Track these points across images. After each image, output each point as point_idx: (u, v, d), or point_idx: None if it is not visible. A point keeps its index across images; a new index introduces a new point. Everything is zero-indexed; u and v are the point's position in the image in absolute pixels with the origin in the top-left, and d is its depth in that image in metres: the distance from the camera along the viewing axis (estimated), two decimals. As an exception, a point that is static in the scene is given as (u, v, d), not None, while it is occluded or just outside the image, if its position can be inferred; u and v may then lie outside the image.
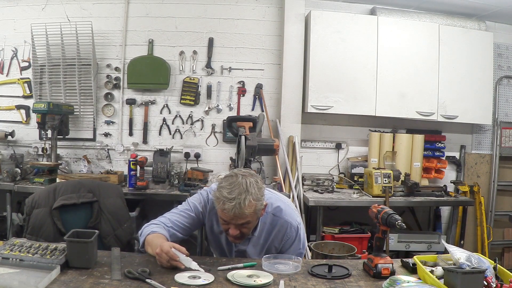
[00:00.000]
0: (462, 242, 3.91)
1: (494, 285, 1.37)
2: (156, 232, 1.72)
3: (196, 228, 1.93)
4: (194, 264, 1.53)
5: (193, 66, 3.94)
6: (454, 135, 4.22)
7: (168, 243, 1.60)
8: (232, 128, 2.95)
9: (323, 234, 3.43)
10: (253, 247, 1.83)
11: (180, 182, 3.60)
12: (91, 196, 2.37)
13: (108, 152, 3.92)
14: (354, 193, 3.54)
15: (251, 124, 2.84)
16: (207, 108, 3.95)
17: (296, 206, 3.49)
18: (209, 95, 3.95)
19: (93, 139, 3.93)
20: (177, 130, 3.95)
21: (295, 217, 1.85)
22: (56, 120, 3.44)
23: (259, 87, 3.96)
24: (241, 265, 1.61)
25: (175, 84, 3.94)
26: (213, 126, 3.96)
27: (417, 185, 3.54)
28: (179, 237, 1.82)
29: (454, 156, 4.22)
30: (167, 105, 3.93)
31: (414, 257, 1.57)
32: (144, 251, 1.73)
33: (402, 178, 3.60)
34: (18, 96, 3.89)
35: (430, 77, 3.79)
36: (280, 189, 3.46)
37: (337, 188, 3.76)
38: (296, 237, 1.82)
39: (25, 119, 3.90)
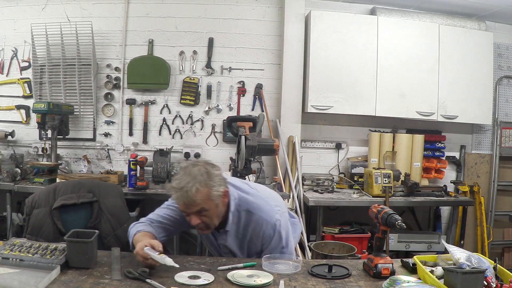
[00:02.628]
0: (462, 242, 3.91)
1: (494, 285, 1.37)
2: (142, 231, 1.72)
3: (186, 221, 1.87)
4: (168, 260, 1.50)
5: (193, 66, 3.94)
6: (454, 135, 4.22)
7: (143, 242, 1.57)
8: (232, 128, 2.96)
9: (323, 234, 3.43)
10: (233, 242, 1.82)
11: (180, 182, 3.59)
12: (91, 196, 2.37)
13: (108, 152, 3.92)
14: (354, 193, 3.54)
15: (251, 124, 2.84)
16: (207, 108, 3.95)
17: (296, 206, 3.50)
18: (209, 95, 3.95)
19: (93, 139, 3.93)
20: (177, 130, 3.95)
21: (273, 214, 1.78)
22: (56, 120, 3.44)
23: (259, 87, 3.97)
24: (241, 265, 1.61)
25: (175, 84, 3.94)
26: (213, 126, 3.96)
27: (417, 185, 3.54)
28: (169, 230, 1.82)
29: (454, 156, 4.22)
30: (167, 105, 3.93)
31: (414, 257, 1.57)
32: None
33: (402, 178, 3.60)
34: (18, 96, 3.89)
35: (430, 77, 3.79)
36: (280, 189, 3.46)
37: (337, 188, 3.76)
38: (275, 235, 1.77)
39: (25, 119, 3.90)
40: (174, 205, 1.83)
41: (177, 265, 1.51)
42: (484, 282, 1.35)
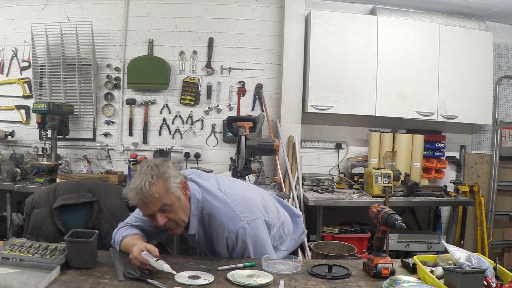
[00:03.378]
0: (462, 242, 3.91)
1: (494, 285, 1.37)
2: (128, 236, 1.70)
3: None
4: (166, 267, 1.48)
5: (193, 66, 3.94)
6: (454, 135, 4.22)
7: (139, 246, 1.54)
8: (232, 128, 2.96)
9: (323, 234, 3.43)
10: (203, 246, 1.76)
11: (180, 182, 3.59)
12: (91, 196, 2.37)
13: (108, 152, 3.92)
14: (354, 193, 3.54)
15: (251, 124, 2.84)
16: (207, 108, 3.95)
17: (296, 206, 3.49)
18: (209, 95, 3.95)
19: (93, 139, 3.93)
20: (177, 130, 3.95)
21: (237, 222, 1.64)
22: (56, 120, 3.44)
23: (259, 87, 3.97)
24: (241, 265, 1.60)
25: (175, 84, 3.94)
26: (213, 126, 3.96)
27: (417, 185, 3.54)
28: (150, 231, 1.78)
29: (454, 156, 4.22)
30: (167, 105, 3.93)
31: (414, 257, 1.57)
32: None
33: (402, 178, 3.60)
34: (18, 96, 3.89)
35: (430, 77, 3.79)
36: (280, 189, 3.46)
37: (337, 188, 3.76)
38: (238, 242, 1.65)
39: (25, 119, 3.90)
40: None
41: (174, 272, 1.48)
42: (484, 282, 1.35)
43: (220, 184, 1.76)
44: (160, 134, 3.95)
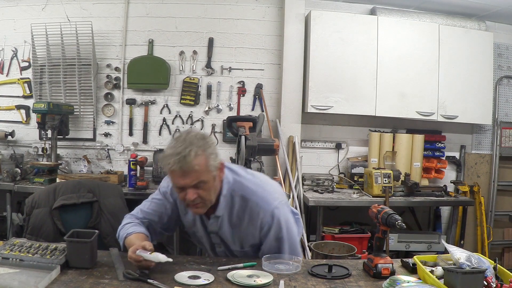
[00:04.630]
0: (462, 242, 3.91)
1: (494, 285, 1.37)
2: (132, 234, 1.66)
3: (174, 213, 1.79)
4: (161, 257, 1.47)
5: (193, 66, 3.94)
6: (454, 135, 4.22)
7: (135, 246, 1.51)
8: (232, 128, 2.96)
9: (323, 234, 3.43)
10: (227, 230, 1.68)
11: (180, 182, 3.59)
12: (91, 196, 2.37)
13: (108, 152, 3.92)
14: (354, 193, 3.54)
15: (251, 124, 2.85)
16: (207, 108, 3.95)
17: (296, 206, 3.49)
18: (209, 95, 3.95)
19: (93, 139, 3.93)
20: (177, 130, 3.95)
21: (271, 201, 1.63)
22: (56, 120, 3.44)
23: (259, 87, 3.97)
24: (241, 265, 1.60)
25: (175, 84, 3.94)
26: (213, 126, 3.96)
27: (417, 185, 3.54)
28: (156, 223, 1.76)
29: (454, 156, 4.22)
30: (167, 105, 3.93)
31: (414, 257, 1.57)
32: None
33: (402, 178, 3.60)
34: (18, 96, 3.89)
35: (430, 77, 3.79)
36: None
37: (337, 188, 3.76)
38: (274, 222, 1.62)
39: (25, 119, 3.90)
40: (159, 197, 1.77)
41: (170, 259, 1.47)
42: (484, 282, 1.35)
43: (244, 168, 1.75)
44: (160, 134, 3.95)
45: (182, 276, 1.47)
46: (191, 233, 1.84)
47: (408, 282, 1.42)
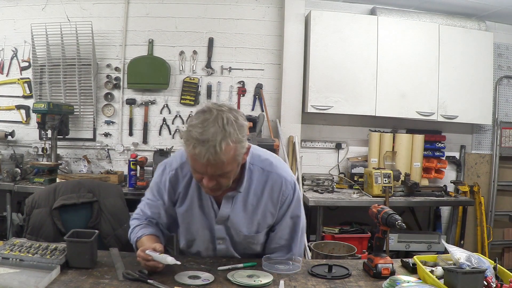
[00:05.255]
0: (462, 242, 3.92)
1: (494, 285, 1.37)
2: (142, 236, 1.62)
3: (169, 210, 1.67)
4: (170, 259, 1.45)
5: (193, 66, 3.94)
6: (454, 135, 4.22)
7: (145, 247, 1.49)
8: (232, 128, 2.96)
9: (323, 234, 3.43)
10: (240, 213, 1.55)
11: (180, 182, 3.59)
12: (91, 196, 2.37)
13: (108, 152, 3.92)
14: (354, 193, 3.54)
15: (251, 124, 2.85)
16: (207, 108, 3.94)
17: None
18: (209, 95, 3.95)
19: (93, 139, 3.93)
20: (177, 130, 3.95)
21: (289, 172, 1.58)
22: (56, 120, 3.44)
23: (259, 87, 3.97)
24: (241, 265, 1.60)
25: (175, 84, 3.94)
26: (213, 126, 3.95)
27: (417, 185, 3.54)
28: (165, 221, 1.69)
29: (454, 156, 4.22)
30: (167, 105, 3.93)
31: (414, 257, 1.57)
32: None
33: (402, 178, 3.60)
34: (18, 96, 3.89)
35: (430, 77, 3.79)
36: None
37: (337, 188, 3.76)
38: (294, 196, 1.57)
39: (25, 119, 3.90)
40: (151, 198, 1.67)
41: (178, 262, 1.45)
42: (484, 282, 1.35)
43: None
44: (160, 134, 3.95)
45: (182, 276, 1.47)
46: (184, 229, 1.68)
47: (408, 282, 1.42)
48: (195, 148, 1.29)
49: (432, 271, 1.45)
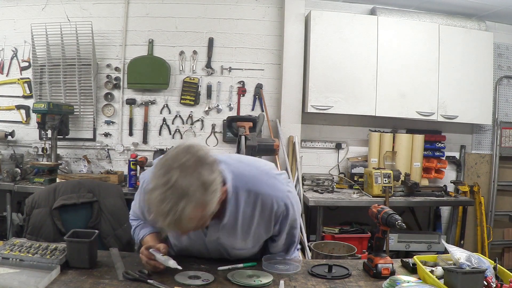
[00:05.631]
0: (462, 242, 3.92)
1: (494, 285, 1.37)
2: (147, 235, 1.63)
3: None
4: (172, 263, 1.44)
5: (193, 66, 3.94)
6: (454, 135, 4.22)
7: (149, 245, 1.49)
8: (232, 128, 2.96)
9: (323, 234, 3.43)
10: (230, 236, 1.49)
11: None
12: (91, 196, 2.37)
13: (108, 152, 3.92)
14: (354, 193, 3.54)
15: (251, 124, 2.85)
16: (207, 108, 3.95)
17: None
18: (209, 95, 3.95)
19: (93, 139, 3.93)
20: (177, 130, 3.95)
21: (279, 186, 1.44)
22: (56, 120, 3.44)
23: (259, 87, 3.97)
24: (241, 265, 1.60)
25: (175, 84, 3.94)
26: (213, 126, 3.96)
27: (417, 185, 3.54)
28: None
29: (454, 156, 4.22)
30: (167, 105, 3.93)
31: (414, 257, 1.57)
32: None
33: (402, 178, 3.60)
34: (18, 96, 3.89)
35: (430, 77, 3.79)
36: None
37: (337, 188, 3.76)
38: (289, 212, 1.45)
39: (25, 119, 3.90)
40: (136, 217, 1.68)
41: (180, 267, 1.45)
42: (484, 282, 1.35)
43: (229, 155, 1.50)
44: (160, 134, 3.95)
45: (182, 276, 1.47)
46: (174, 239, 1.64)
47: (408, 282, 1.42)
48: (156, 217, 1.18)
49: (432, 271, 1.45)
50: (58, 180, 3.16)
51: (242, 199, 1.40)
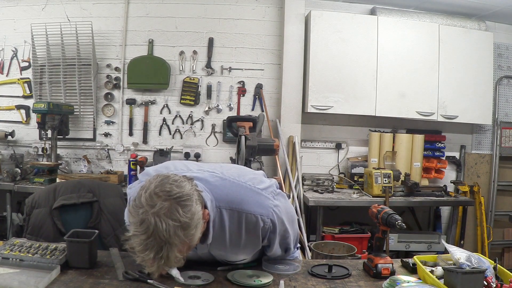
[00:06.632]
0: (462, 242, 3.91)
1: (494, 285, 1.37)
2: None
3: None
4: (175, 272, 1.42)
5: (193, 66, 3.94)
6: (454, 135, 4.22)
7: None
8: (232, 128, 2.96)
9: (323, 234, 3.43)
10: (220, 250, 1.48)
11: (180, 182, 3.59)
12: (91, 196, 2.36)
13: (108, 152, 3.92)
14: (354, 193, 3.54)
15: (251, 124, 2.85)
16: (207, 108, 3.95)
17: (296, 206, 3.49)
18: (209, 95, 3.95)
19: (93, 139, 3.93)
20: (177, 130, 3.95)
21: (264, 202, 1.39)
22: (56, 120, 3.44)
23: (259, 87, 3.97)
24: (241, 265, 1.60)
25: (175, 84, 3.94)
26: (213, 126, 3.96)
27: (417, 185, 3.54)
28: None
29: (454, 156, 4.22)
30: (167, 105, 3.93)
31: (414, 257, 1.57)
32: None
33: (402, 178, 3.60)
34: (18, 96, 3.89)
35: (430, 77, 3.79)
36: (280, 189, 3.45)
37: (337, 188, 3.76)
38: (276, 227, 1.42)
39: (25, 119, 3.90)
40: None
41: (181, 279, 1.41)
42: (484, 282, 1.35)
43: (217, 169, 1.45)
44: (160, 134, 3.95)
45: (182, 276, 1.47)
46: None
47: (408, 282, 1.42)
48: (142, 262, 1.16)
49: (432, 271, 1.45)
50: (58, 180, 3.16)
51: (227, 217, 1.37)
